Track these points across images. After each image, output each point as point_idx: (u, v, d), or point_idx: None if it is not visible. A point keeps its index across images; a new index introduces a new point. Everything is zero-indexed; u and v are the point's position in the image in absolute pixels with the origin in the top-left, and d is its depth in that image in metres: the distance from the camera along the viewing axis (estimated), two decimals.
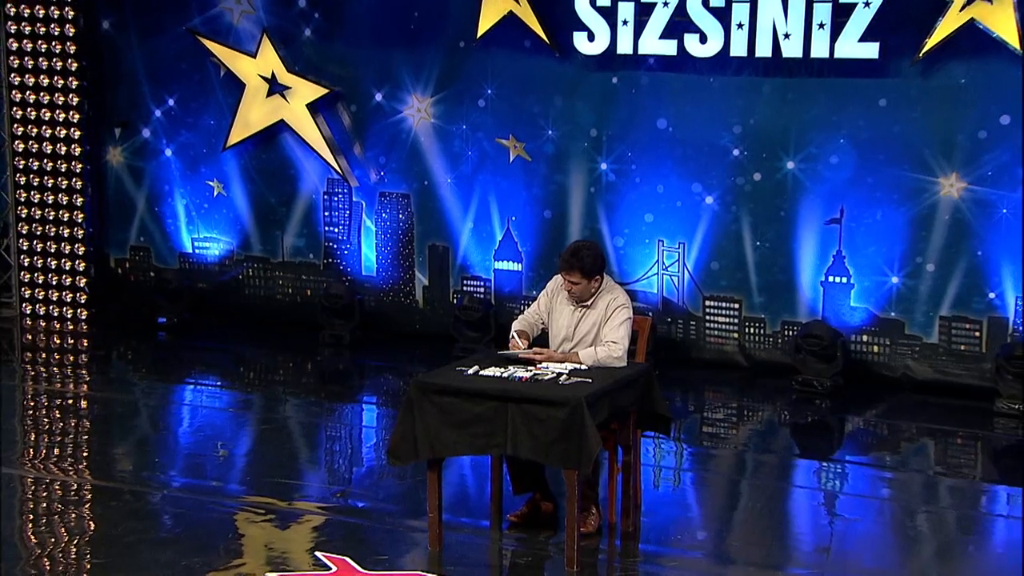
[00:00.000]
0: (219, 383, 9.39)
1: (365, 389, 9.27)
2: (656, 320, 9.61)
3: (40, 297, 11.13)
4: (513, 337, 6.12)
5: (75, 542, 6.01)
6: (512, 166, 9.98)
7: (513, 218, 10.02)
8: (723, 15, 8.89)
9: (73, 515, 6.39)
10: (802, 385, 9.01)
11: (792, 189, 9.18)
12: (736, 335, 9.56)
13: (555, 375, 5.81)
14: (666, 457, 7.62)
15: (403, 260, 10.52)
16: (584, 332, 6.17)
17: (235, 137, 10.75)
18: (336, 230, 10.69)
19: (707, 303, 9.63)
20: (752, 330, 9.54)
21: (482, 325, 9.98)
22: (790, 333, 9.35)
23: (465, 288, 10.31)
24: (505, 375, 5.79)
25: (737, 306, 9.54)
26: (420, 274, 10.48)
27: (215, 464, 7.29)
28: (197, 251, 11.25)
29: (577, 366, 5.97)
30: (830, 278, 9.14)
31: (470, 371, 5.87)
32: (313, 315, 10.63)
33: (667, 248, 9.63)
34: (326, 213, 10.68)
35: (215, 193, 11.05)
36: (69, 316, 11.19)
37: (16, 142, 10.87)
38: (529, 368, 5.92)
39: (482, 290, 10.25)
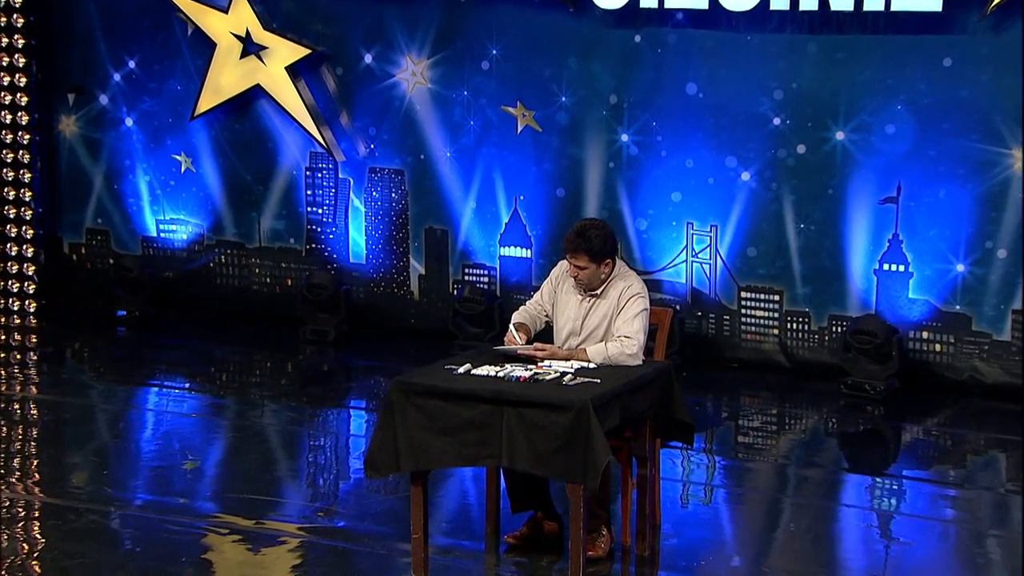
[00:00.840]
0: (186, 385, 9.45)
1: (352, 392, 9.31)
2: (684, 314, 9.64)
3: None
4: (511, 331, 6.12)
5: (9, 565, 6.04)
6: (520, 138, 9.98)
7: (521, 197, 10.05)
8: None
9: (17, 534, 6.42)
10: (852, 389, 9.03)
11: (841, 163, 9.17)
12: (776, 331, 9.56)
13: (558, 375, 5.79)
14: (694, 471, 7.62)
15: (396, 246, 10.54)
16: (593, 325, 6.15)
17: (205, 105, 10.73)
18: (320, 211, 10.70)
19: (743, 295, 9.63)
20: (795, 326, 9.52)
21: (485, 320, 9.97)
22: (838, 329, 9.33)
23: (467, 278, 10.31)
24: (501, 374, 5.77)
25: (777, 298, 9.53)
26: (415, 261, 10.49)
27: (182, 478, 7.35)
28: (162, 235, 11.29)
29: (584, 364, 5.95)
30: (885, 266, 9.14)
31: (460, 370, 5.84)
32: (294, 308, 10.64)
33: (697, 232, 9.63)
34: (308, 192, 10.72)
35: (182, 169, 11.07)
36: (16, 308, 11.21)
37: None
38: (529, 367, 5.90)
39: (486, 280, 10.26)
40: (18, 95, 10.82)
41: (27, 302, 11.15)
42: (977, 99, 8.62)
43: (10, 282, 11.17)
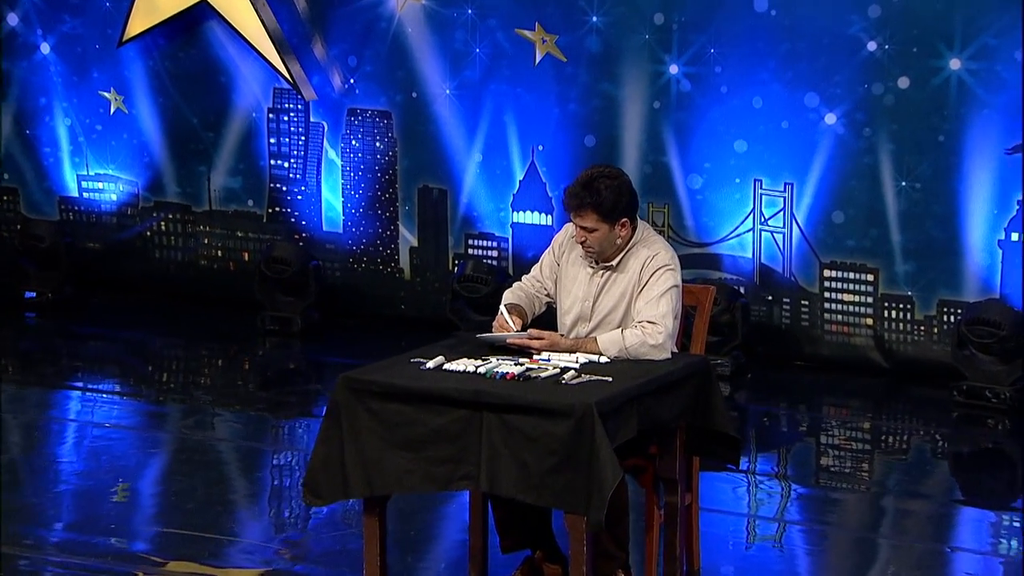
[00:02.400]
0: (117, 389, 9.54)
1: (323, 397, 9.29)
2: (750, 299, 9.67)
3: None
4: (502, 313, 6.21)
5: None
6: (539, 70, 10.00)
7: (540, 147, 10.10)
8: None
9: None
10: (968, 396, 9.02)
11: (957, 101, 9.14)
12: (870, 322, 9.54)
13: (557, 371, 5.82)
14: (762, 504, 7.70)
15: (381, 210, 10.61)
16: (608, 307, 6.19)
17: (137, 26, 10.71)
18: (286, 165, 10.80)
19: (827, 273, 9.63)
20: (894, 314, 9.51)
21: (493, 304, 9.61)
22: (951, 319, 9.34)
23: (470, 251, 10.37)
24: (482, 370, 5.81)
25: (871, 278, 9.52)
26: (406, 230, 10.56)
27: (111, 510, 7.38)
28: (85, 195, 11.34)
29: (593, 358, 5.99)
30: (1013, 236, 9.15)
31: (430, 364, 5.88)
32: (251, 289, 10.70)
33: (767, 192, 9.66)
34: (272, 140, 10.80)
35: (112, 109, 11.09)
36: None
37: None
38: (521, 361, 5.93)
39: (494, 253, 10.28)
40: None
41: None
42: None
43: None
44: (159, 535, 7.07)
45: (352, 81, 10.45)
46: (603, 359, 5.99)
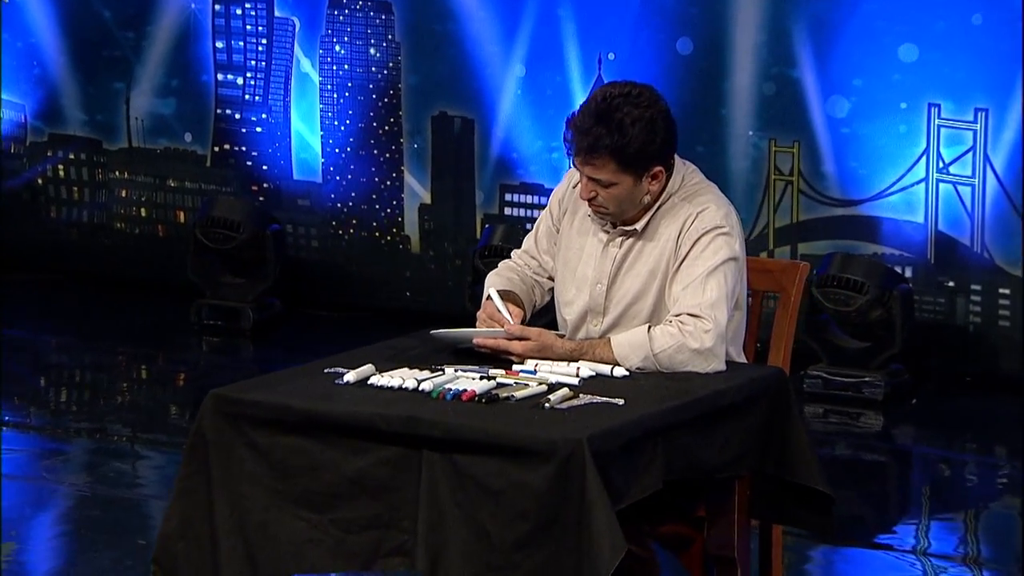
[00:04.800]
0: None
1: None
2: (918, 285, 9.79)
3: None
4: (493, 300, 6.25)
5: None
6: None
7: (611, 56, 10.11)
8: None
9: None
10: None
11: None
12: None
13: (543, 388, 5.76)
14: None
15: (379, 149, 10.63)
16: (632, 293, 6.16)
17: None
18: (239, 82, 10.91)
19: None
20: None
21: None
22: None
23: (507, 210, 10.47)
24: (427, 387, 5.73)
25: None
26: (414, 179, 10.62)
27: None
28: None
29: (603, 369, 5.95)
30: None
31: (350, 376, 5.81)
32: (185, 265, 10.79)
33: (946, 122, 9.71)
34: (219, 45, 10.95)
35: None
36: None
37: None
38: (490, 372, 5.88)
39: (539, 213, 10.51)
40: None
41: None
42: None
43: None
44: None
45: None
46: (618, 371, 5.89)
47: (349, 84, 10.70)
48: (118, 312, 11.01)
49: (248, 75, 10.90)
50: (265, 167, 10.93)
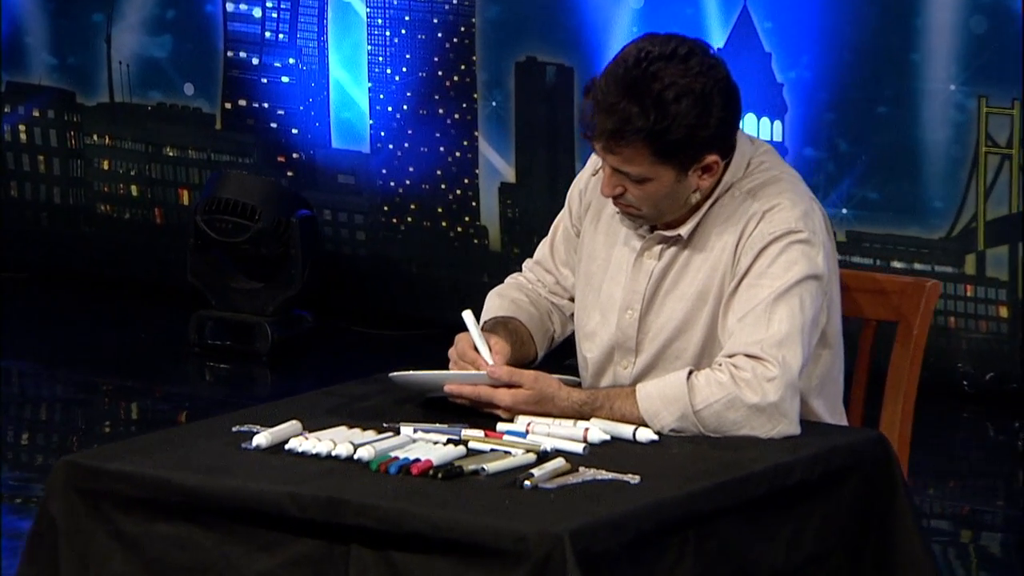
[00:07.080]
0: None
1: None
2: None
3: None
4: (471, 333, 6.01)
5: None
6: None
7: None
8: None
9: None
10: None
11: None
12: None
13: (530, 459, 5.47)
14: None
15: (445, 109, 10.68)
16: (675, 322, 5.86)
17: None
18: (257, 15, 10.91)
19: None
20: None
21: None
22: None
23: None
24: (366, 454, 5.50)
25: None
26: (492, 149, 10.55)
27: None
28: None
29: (622, 430, 5.56)
30: None
31: (261, 439, 5.54)
32: (185, 262, 10.57)
33: None
34: None
35: None
36: None
37: None
38: (463, 434, 5.67)
39: None
40: None
41: None
42: None
43: None
44: None
45: None
46: (644, 434, 5.41)
47: (406, 19, 10.54)
48: (96, 327, 10.92)
49: (269, 4, 10.72)
50: (294, 131, 10.73)
